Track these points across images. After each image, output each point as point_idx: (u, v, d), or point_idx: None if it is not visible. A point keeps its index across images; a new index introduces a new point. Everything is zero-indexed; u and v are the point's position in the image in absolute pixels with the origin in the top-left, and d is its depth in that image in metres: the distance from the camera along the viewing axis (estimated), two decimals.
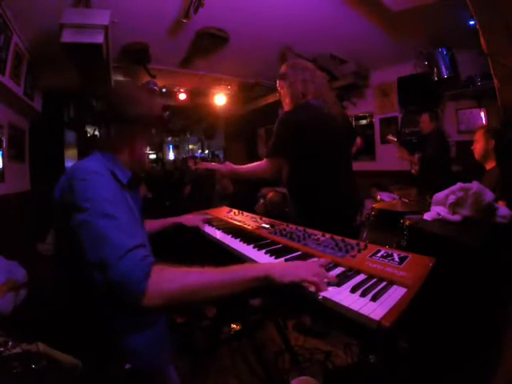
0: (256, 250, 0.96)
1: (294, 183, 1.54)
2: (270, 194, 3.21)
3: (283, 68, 1.59)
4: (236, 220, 1.38)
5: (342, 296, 0.62)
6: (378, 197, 2.63)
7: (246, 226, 1.25)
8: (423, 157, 2.95)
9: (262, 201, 3.26)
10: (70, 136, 4.49)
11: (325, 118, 1.44)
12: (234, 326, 1.91)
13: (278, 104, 5.63)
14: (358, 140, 1.77)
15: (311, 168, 1.44)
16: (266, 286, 0.63)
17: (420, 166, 2.97)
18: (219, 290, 0.62)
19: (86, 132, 4.69)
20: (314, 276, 0.65)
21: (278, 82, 1.61)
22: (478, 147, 2.04)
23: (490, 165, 1.99)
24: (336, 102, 1.58)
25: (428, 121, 3.02)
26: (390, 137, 3.33)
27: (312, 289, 0.64)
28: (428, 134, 3.04)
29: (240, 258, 0.94)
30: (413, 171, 3.11)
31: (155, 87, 4.22)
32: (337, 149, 1.48)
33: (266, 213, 3.00)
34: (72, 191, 0.71)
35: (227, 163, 1.63)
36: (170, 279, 0.61)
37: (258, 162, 1.54)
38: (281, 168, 1.51)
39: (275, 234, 1.09)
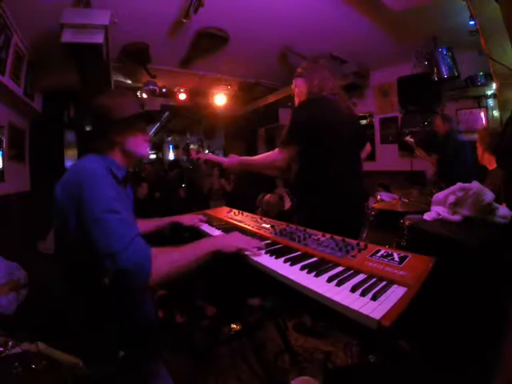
0: None
1: (302, 178, 1.52)
2: (268, 196, 3.34)
3: (303, 63, 1.59)
4: (236, 220, 1.38)
5: (342, 295, 0.62)
6: (378, 197, 2.62)
7: (246, 226, 1.25)
8: (442, 158, 2.97)
9: (260, 209, 3.35)
10: (70, 136, 4.48)
11: (338, 112, 1.45)
12: (234, 326, 1.90)
13: (278, 104, 5.64)
14: (368, 146, 1.77)
15: (321, 162, 1.43)
16: (217, 254, 0.87)
17: (437, 167, 2.99)
18: (192, 264, 0.83)
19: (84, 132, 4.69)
20: (248, 245, 0.91)
21: (295, 79, 1.60)
22: (479, 153, 2.05)
23: (492, 166, 1.98)
24: (349, 103, 1.60)
25: (441, 123, 3.04)
26: (408, 138, 3.39)
27: (248, 253, 0.90)
28: (444, 136, 3.05)
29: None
30: (430, 172, 3.12)
31: (155, 87, 4.23)
32: (347, 144, 1.47)
33: (265, 215, 3.04)
34: (81, 190, 0.80)
35: (232, 155, 1.59)
36: (164, 262, 0.78)
37: (270, 152, 1.51)
38: (291, 161, 1.49)
39: (275, 234, 1.09)
